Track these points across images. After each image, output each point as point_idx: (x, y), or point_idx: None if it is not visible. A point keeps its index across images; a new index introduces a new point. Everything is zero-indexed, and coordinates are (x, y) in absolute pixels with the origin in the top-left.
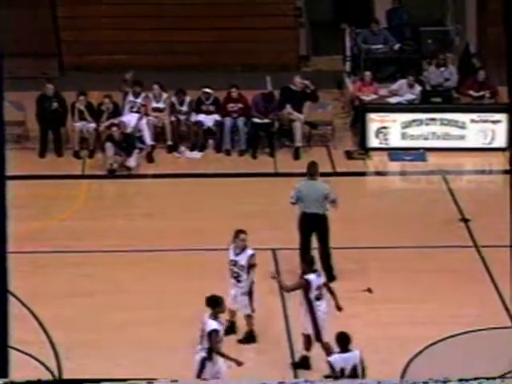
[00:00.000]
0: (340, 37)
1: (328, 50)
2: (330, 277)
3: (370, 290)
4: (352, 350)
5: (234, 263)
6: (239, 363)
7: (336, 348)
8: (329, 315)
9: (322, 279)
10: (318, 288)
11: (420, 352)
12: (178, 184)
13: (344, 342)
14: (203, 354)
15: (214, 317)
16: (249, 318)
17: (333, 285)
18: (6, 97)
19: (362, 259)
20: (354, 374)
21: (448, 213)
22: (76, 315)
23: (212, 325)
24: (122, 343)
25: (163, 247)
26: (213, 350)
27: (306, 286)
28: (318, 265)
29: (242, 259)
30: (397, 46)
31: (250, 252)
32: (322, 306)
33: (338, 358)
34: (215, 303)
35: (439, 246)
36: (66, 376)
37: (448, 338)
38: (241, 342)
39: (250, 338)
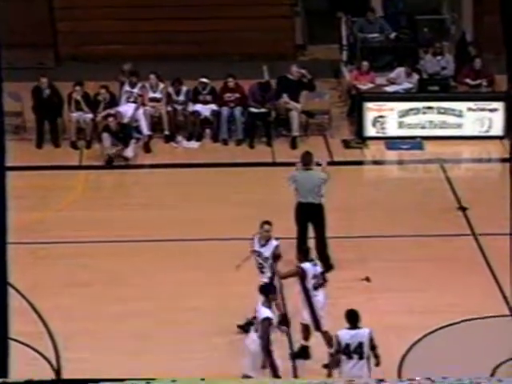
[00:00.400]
0: (336, 26)
1: (324, 39)
2: (327, 266)
3: (368, 279)
4: (361, 328)
5: (259, 254)
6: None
7: (345, 324)
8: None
9: (319, 268)
10: (315, 277)
11: (418, 341)
12: (176, 174)
13: (353, 318)
14: (259, 342)
15: (268, 305)
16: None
17: (330, 274)
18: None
19: (359, 248)
20: (359, 351)
21: (445, 201)
22: (74, 305)
23: (265, 313)
24: (120, 334)
25: (161, 237)
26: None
27: (301, 275)
28: (315, 254)
29: (267, 251)
30: (393, 35)
31: (274, 243)
32: (320, 296)
33: (345, 334)
34: (269, 291)
35: (437, 235)
36: (64, 366)
37: (446, 326)
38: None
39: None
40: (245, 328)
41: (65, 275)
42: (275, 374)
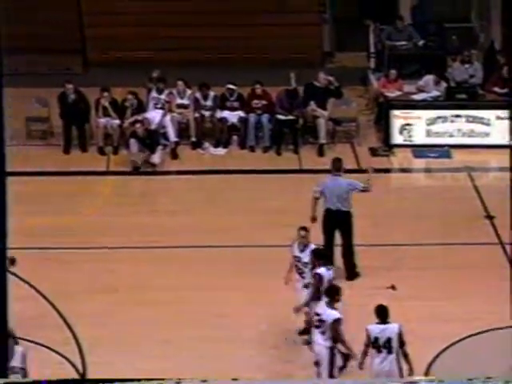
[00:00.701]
0: (364, 33)
1: (352, 46)
2: (354, 274)
3: (393, 287)
4: (390, 323)
5: (298, 259)
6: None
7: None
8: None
9: (332, 274)
10: (329, 282)
11: (444, 349)
12: (202, 180)
13: (382, 313)
14: (328, 343)
15: (332, 305)
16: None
17: (356, 282)
18: (31, 93)
19: (385, 256)
20: (388, 345)
21: (473, 210)
22: (100, 310)
23: (333, 314)
24: (145, 338)
25: (187, 243)
26: (337, 339)
27: (317, 280)
28: (339, 261)
29: (306, 256)
30: (421, 43)
31: (312, 248)
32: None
33: (374, 328)
34: (335, 292)
35: (464, 243)
36: (89, 371)
37: (473, 335)
38: (302, 333)
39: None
40: (306, 333)
41: (91, 280)
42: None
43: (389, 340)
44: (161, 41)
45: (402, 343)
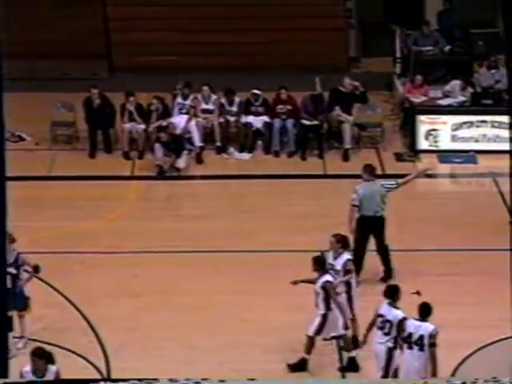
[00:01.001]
0: (390, 38)
1: (378, 51)
2: (390, 272)
3: (418, 293)
4: (427, 322)
5: (331, 267)
6: None
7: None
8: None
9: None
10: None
11: (469, 355)
12: (227, 185)
13: (422, 311)
14: (389, 344)
15: (395, 305)
16: (351, 321)
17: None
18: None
19: (411, 261)
20: (420, 342)
21: (498, 215)
22: (124, 315)
23: (398, 314)
24: (170, 343)
25: (212, 248)
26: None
27: (331, 289)
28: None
29: (338, 264)
30: (447, 48)
31: (345, 257)
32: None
33: (411, 323)
34: (395, 291)
35: (489, 249)
36: (114, 376)
37: (497, 341)
38: (342, 348)
39: (353, 342)
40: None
41: (115, 285)
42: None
43: (421, 337)
44: (186, 46)
45: (432, 344)
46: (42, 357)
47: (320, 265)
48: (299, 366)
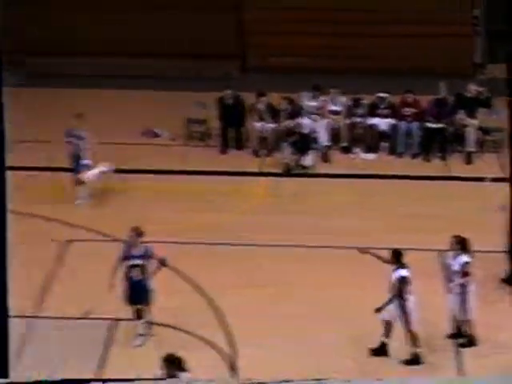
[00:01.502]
0: None
1: (504, 57)
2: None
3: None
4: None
5: (449, 266)
6: None
7: None
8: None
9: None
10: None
11: None
12: (352, 184)
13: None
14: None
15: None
16: (467, 322)
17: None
18: (192, 96)
19: None
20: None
21: None
22: (250, 305)
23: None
24: (290, 336)
25: (335, 244)
26: None
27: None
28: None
29: (456, 264)
30: None
31: (464, 259)
32: (412, 298)
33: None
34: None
35: None
36: (240, 364)
37: None
38: (462, 345)
39: (470, 341)
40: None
41: (241, 275)
42: None
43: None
44: (317, 49)
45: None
46: (172, 363)
47: (396, 258)
48: (413, 361)
